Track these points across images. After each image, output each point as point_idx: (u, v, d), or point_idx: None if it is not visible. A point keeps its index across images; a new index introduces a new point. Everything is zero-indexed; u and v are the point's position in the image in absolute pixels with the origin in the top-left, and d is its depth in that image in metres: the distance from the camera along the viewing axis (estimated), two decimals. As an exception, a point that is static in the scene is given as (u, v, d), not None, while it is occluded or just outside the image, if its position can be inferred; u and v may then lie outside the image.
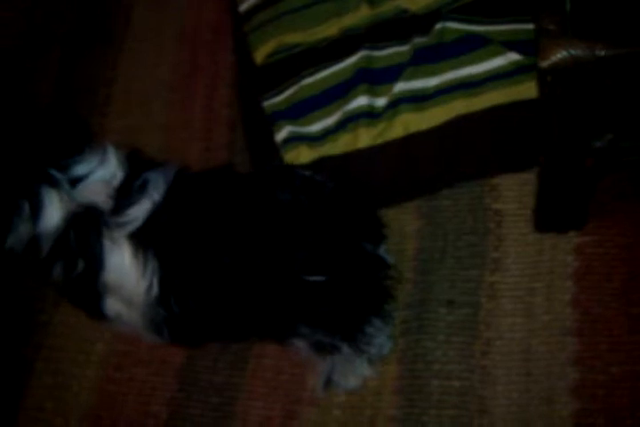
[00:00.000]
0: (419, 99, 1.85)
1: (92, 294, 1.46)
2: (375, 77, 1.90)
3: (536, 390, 1.62)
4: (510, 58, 1.84)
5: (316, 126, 1.90)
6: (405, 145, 1.83)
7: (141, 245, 1.40)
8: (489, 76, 1.84)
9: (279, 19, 2.05)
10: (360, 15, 1.98)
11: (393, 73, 1.89)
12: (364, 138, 1.84)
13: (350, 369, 1.66)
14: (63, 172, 1.42)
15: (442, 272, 1.77)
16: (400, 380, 1.69)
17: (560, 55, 1.27)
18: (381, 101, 1.87)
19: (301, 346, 1.54)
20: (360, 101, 1.87)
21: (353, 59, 1.93)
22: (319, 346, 1.52)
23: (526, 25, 1.78)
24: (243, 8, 2.13)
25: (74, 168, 1.44)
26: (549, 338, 1.66)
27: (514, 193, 1.82)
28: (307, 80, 1.94)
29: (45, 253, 1.43)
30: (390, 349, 1.70)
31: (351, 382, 1.68)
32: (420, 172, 1.84)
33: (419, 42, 1.90)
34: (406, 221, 1.85)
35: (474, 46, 1.87)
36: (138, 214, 1.41)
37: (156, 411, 1.78)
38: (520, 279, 1.73)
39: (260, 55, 2.02)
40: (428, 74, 1.87)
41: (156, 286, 1.41)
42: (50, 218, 1.41)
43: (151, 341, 1.57)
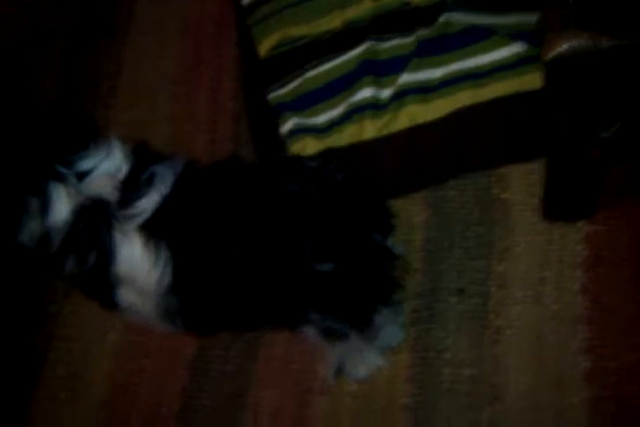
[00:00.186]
0: (424, 90, 1.85)
1: (105, 285, 1.46)
2: (380, 69, 1.90)
3: (547, 378, 1.63)
4: (515, 49, 1.83)
5: (322, 118, 1.90)
6: (411, 136, 1.84)
7: (152, 236, 1.41)
8: (494, 67, 1.83)
9: (282, 11, 2.04)
10: (363, 7, 1.98)
11: (398, 64, 1.89)
12: (369, 129, 1.85)
13: (360, 359, 1.67)
14: (69, 167, 1.42)
15: (450, 262, 1.78)
16: (412, 368, 1.71)
17: (565, 47, 1.27)
18: (386, 93, 1.87)
19: (311, 333, 1.54)
20: (365, 93, 1.87)
21: (357, 51, 1.92)
22: (329, 332, 1.53)
23: (531, 16, 1.77)
24: (246, 1, 2.12)
25: (79, 163, 1.44)
26: (559, 326, 1.67)
27: (520, 183, 1.83)
28: (311, 73, 1.94)
29: (57, 248, 1.43)
30: (402, 338, 1.71)
31: (362, 372, 1.70)
32: (426, 163, 1.85)
33: (422, 34, 1.90)
34: (413, 211, 1.86)
35: (478, 37, 1.86)
36: (146, 206, 1.41)
37: (168, 401, 1.79)
38: (529, 268, 1.74)
39: (264, 48, 2.02)
40: (432, 65, 1.87)
41: (168, 275, 1.41)
42: (59, 212, 1.41)
43: (164, 330, 1.57)
